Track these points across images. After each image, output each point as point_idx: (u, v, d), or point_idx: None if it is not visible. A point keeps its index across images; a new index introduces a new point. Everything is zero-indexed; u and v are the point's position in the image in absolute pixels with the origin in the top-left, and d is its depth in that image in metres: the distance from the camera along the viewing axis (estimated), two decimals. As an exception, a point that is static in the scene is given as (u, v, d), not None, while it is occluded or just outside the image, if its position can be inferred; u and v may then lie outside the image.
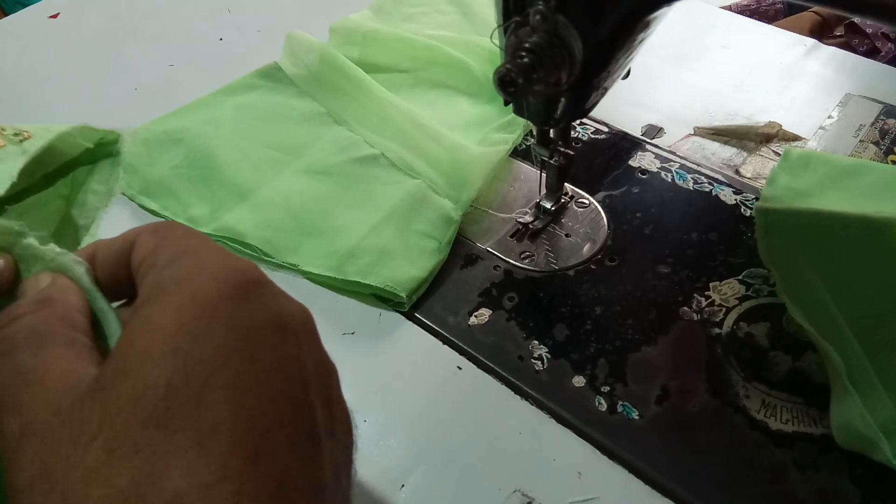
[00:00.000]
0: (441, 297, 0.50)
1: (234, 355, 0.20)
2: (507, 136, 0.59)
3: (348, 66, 0.64)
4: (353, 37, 0.69)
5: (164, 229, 0.25)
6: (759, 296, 0.49)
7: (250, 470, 0.19)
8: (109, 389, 0.20)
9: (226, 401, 0.20)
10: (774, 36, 0.74)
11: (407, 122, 0.59)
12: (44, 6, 0.84)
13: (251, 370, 0.20)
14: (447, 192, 0.55)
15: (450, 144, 0.57)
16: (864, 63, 0.69)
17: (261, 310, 0.22)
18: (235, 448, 0.19)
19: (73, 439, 0.19)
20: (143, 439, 0.19)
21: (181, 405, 0.19)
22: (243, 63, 0.68)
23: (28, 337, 0.22)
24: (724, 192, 0.56)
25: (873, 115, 0.63)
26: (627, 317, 0.48)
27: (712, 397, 0.44)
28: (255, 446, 0.19)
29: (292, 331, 0.22)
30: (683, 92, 0.67)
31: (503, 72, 0.38)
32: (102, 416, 0.19)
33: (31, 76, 0.74)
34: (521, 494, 0.40)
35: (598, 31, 0.39)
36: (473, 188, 0.55)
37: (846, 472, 0.40)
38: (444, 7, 0.76)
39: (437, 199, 0.55)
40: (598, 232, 0.54)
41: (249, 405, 0.20)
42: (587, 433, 0.42)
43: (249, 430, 0.20)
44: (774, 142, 0.61)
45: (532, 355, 0.46)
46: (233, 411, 0.20)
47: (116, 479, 0.18)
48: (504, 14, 0.41)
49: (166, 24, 0.80)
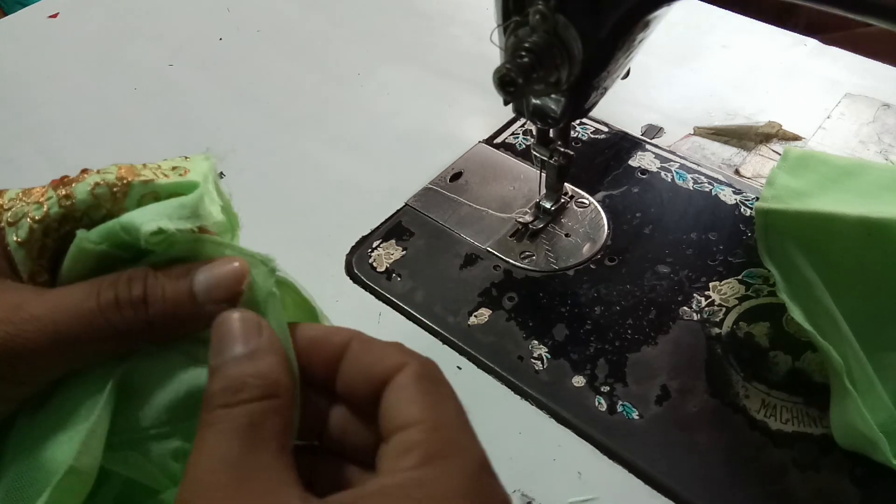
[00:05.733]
0: (441, 296, 0.50)
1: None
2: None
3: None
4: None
5: (441, 385, 0.24)
6: (759, 296, 0.49)
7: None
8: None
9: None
10: (774, 36, 0.74)
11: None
12: (44, 6, 0.84)
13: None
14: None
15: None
16: (864, 63, 0.69)
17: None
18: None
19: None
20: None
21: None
22: (243, 63, 0.68)
23: (247, 428, 0.21)
24: (724, 192, 0.56)
25: (873, 115, 0.63)
26: (627, 317, 0.48)
27: (712, 397, 0.44)
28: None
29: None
30: (683, 92, 0.67)
31: (503, 72, 0.38)
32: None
33: (31, 76, 0.74)
34: (521, 494, 0.40)
35: (597, 31, 0.39)
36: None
37: (846, 472, 0.40)
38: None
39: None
40: (598, 232, 0.54)
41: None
42: (587, 433, 0.42)
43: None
44: (774, 142, 0.61)
45: (532, 355, 0.46)
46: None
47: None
48: (504, 14, 0.41)
49: (166, 24, 0.80)
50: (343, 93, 0.70)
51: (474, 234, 0.54)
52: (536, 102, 0.45)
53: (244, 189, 0.29)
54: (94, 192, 0.25)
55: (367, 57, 0.74)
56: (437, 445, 0.22)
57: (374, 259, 0.53)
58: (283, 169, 0.63)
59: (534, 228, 0.54)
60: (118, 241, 0.24)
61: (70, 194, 0.25)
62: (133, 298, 0.23)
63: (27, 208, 0.25)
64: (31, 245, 0.25)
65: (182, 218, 0.24)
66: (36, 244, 0.25)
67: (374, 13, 0.81)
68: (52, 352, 0.23)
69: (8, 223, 0.25)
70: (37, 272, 0.25)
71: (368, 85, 0.71)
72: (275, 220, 0.57)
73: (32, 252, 0.25)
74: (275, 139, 0.66)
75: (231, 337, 0.23)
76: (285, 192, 0.61)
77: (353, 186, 0.60)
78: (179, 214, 0.25)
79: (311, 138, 0.66)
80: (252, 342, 0.23)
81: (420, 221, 0.56)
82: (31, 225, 0.24)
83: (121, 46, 0.77)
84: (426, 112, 0.67)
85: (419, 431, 0.22)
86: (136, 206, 0.25)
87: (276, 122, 0.68)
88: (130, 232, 0.24)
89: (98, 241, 0.24)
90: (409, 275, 0.52)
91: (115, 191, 0.25)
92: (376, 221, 0.56)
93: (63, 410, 0.24)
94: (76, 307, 0.23)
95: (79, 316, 0.23)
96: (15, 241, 0.25)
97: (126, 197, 0.25)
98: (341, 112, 0.68)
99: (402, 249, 0.54)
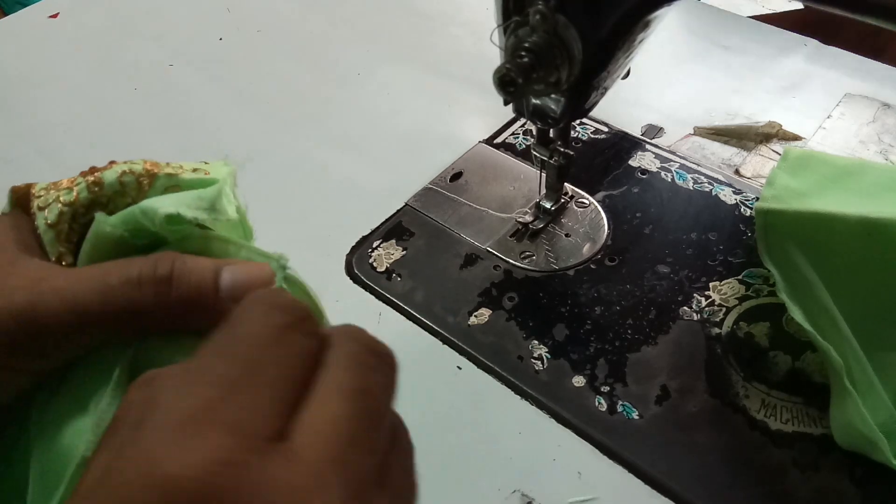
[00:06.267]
0: (441, 296, 0.50)
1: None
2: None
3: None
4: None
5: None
6: (759, 296, 0.49)
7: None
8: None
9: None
10: (774, 36, 0.74)
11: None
12: (44, 6, 0.84)
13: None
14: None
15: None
16: (864, 63, 0.69)
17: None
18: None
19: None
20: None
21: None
22: (243, 63, 0.68)
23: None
24: (724, 192, 0.56)
25: (873, 115, 0.63)
26: (627, 317, 0.48)
27: (712, 397, 0.44)
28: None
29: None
30: (683, 92, 0.67)
31: (503, 72, 0.38)
32: None
33: (31, 76, 0.74)
34: (521, 494, 0.40)
35: (597, 31, 0.39)
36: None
37: (846, 472, 0.40)
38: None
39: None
40: (598, 232, 0.54)
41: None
42: (587, 433, 0.42)
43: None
44: (774, 142, 0.61)
45: (532, 355, 0.46)
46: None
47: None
48: (504, 14, 0.41)
49: (166, 24, 0.80)
50: (343, 93, 0.70)
51: (474, 234, 0.54)
52: (536, 102, 0.45)
53: (244, 189, 0.29)
54: (121, 180, 0.26)
55: (367, 57, 0.74)
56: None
57: (374, 259, 0.53)
58: (283, 169, 0.63)
59: (534, 228, 0.54)
60: (137, 227, 0.25)
61: (99, 180, 0.26)
62: (157, 277, 0.24)
63: (57, 193, 0.26)
64: (59, 227, 0.25)
65: (200, 209, 0.25)
66: (64, 227, 0.26)
67: (374, 13, 0.81)
68: (72, 325, 0.23)
69: (38, 207, 0.26)
70: (63, 254, 0.26)
71: (368, 85, 0.71)
72: (275, 219, 0.57)
73: (61, 235, 0.26)
74: (275, 139, 0.66)
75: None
76: (285, 192, 0.61)
77: (353, 186, 0.60)
78: (198, 205, 0.25)
79: (311, 138, 0.66)
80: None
81: (420, 221, 0.56)
82: (62, 208, 0.25)
83: (121, 46, 0.77)
84: (426, 112, 0.67)
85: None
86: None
87: (276, 122, 0.68)
88: (148, 215, 0.24)
89: (117, 225, 0.25)
90: (409, 275, 0.52)
91: (142, 180, 0.26)
92: (376, 221, 0.56)
93: (75, 397, 0.24)
94: (98, 282, 0.23)
95: (99, 291, 0.23)
96: (45, 223, 0.25)
97: (151, 188, 0.26)
98: (341, 112, 0.68)
99: (402, 249, 0.54)
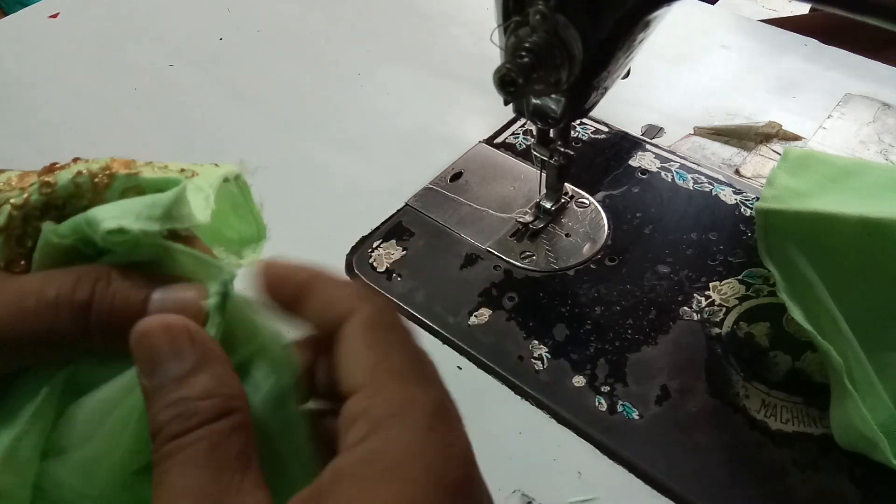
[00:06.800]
0: (441, 296, 0.50)
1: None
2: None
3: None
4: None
5: (390, 333, 0.22)
6: (759, 296, 0.49)
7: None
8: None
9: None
10: (774, 36, 0.74)
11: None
12: (44, 6, 0.84)
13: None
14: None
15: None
16: (864, 63, 0.69)
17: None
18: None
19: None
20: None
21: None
22: (243, 63, 0.68)
23: (208, 453, 0.20)
24: (724, 192, 0.56)
25: (873, 115, 0.63)
26: (627, 317, 0.48)
27: (712, 397, 0.44)
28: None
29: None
30: (683, 92, 0.67)
31: (503, 72, 0.38)
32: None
33: (31, 76, 0.74)
34: (521, 494, 0.40)
35: (597, 31, 0.39)
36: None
37: (846, 472, 0.40)
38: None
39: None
40: (598, 232, 0.54)
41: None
42: (587, 433, 0.42)
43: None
44: (774, 142, 0.61)
45: (532, 355, 0.46)
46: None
47: None
48: (504, 14, 0.41)
49: (166, 24, 0.80)
50: (343, 93, 0.70)
51: (474, 234, 0.54)
52: (536, 102, 0.45)
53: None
54: (75, 181, 0.24)
55: (367, 57, 0.74)
56: (381, 408, 0.20)
57: (374, 259, 0.53)
58: (283, 169, 0.63)
59: (534, 228, 0.54)
60: (83, 236, 0.23)
61: (51, 182, 0.24)
62: (75, 302, 0.21)
63: (10, 194, 0.24)
64: (10, 232, 0.23)
65: (151, 218, 0.22)
66: (15, 231, 0.23)
67: (374, 13, 0.81)
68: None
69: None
70: (14, 260, 0.24)
71: (368, 85, 0.71)
72: (275, 219, 0.56)
73: (11, 239, 0.23)
74: (275, 139, 0.66)
75: (160, 353, 0.21)
76: (285, 192, 0.61)
77: (353, 186, 0.60)
78: (149, 214, 0.23)
79: (311, 138, 0.66)
80: (188, 356, 0.21)
81: (420, 221, 0.56)
82: (11, 212, 0.23)
83: (121, 46, 0.77)
84: (426, 112, 0.67)
85: (363, 398, 0.21)
86: (119, 199, 0.24)
87: (275, 121, 0.68)
88: (92, 226, 0.22)
89: (65, 234, 0.23)
90: (409, 275, 0.52)
91: (97, 181, 0.24)
92: (376, 221, 0.56)
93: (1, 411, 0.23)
94: (13, 305, 0.21)
95: (13, 315, 0.21)
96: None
97: (108, 189, 0.24)
98: (341, 112, 0.68)
99: (402, 249, 0.54)
